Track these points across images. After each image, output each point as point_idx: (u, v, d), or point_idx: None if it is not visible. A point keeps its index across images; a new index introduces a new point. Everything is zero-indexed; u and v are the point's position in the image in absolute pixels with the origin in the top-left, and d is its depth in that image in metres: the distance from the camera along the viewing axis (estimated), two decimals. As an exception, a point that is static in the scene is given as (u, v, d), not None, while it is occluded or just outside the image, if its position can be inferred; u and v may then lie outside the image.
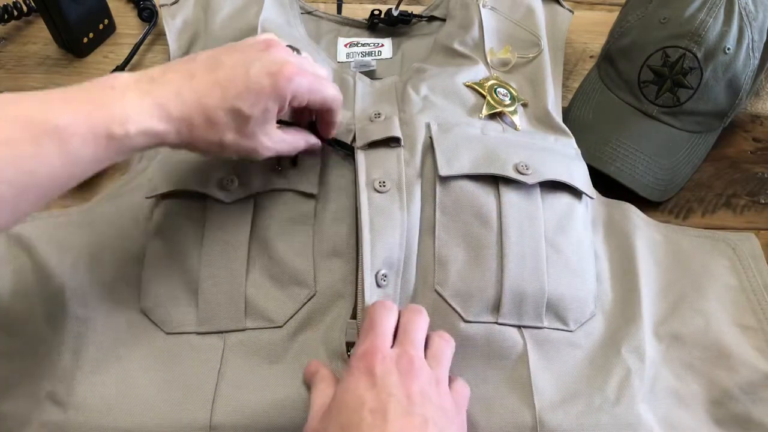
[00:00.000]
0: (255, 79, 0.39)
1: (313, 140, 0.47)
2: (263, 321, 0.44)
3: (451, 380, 0.40)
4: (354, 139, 0.49)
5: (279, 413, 0.41)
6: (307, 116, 0.47)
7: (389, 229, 0.44)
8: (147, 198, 0.49)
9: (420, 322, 0.40)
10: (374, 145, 0.48)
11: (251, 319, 0.44)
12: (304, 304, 0.44)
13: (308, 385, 0.41)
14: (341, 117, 0.47)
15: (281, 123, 0.44)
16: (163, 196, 0.48)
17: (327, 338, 0.43)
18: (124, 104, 0.36)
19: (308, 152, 0.47)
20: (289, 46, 0.44)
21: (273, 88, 0.39)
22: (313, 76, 0.42)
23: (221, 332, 0.44)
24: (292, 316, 0.44)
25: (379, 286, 0.43)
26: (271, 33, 0.43)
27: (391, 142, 0.48)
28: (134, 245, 0.48)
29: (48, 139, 0.33)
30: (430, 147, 0.48)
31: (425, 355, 0.39)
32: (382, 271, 0.43)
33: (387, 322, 0.39)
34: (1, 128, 0.33)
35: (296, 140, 0.45)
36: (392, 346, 0.38)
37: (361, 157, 0.47)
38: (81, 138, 0.34)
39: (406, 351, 0.37)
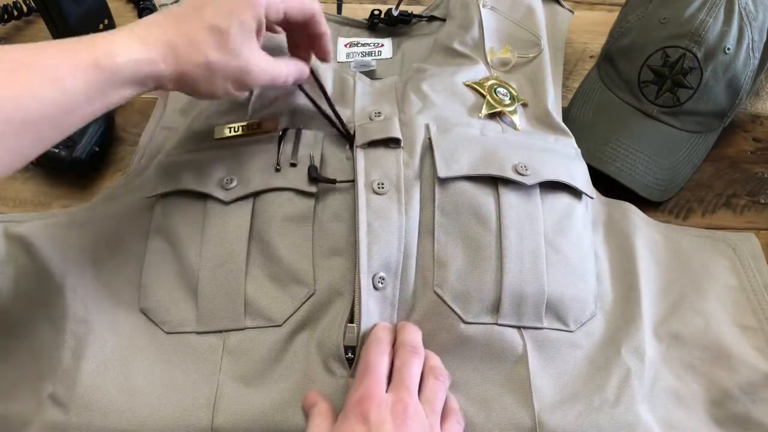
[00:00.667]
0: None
1: (301, 64, 0.47)
2: (263, 320, 0.44)
3: (444, 418, 0.40)
4: (354, 137, 0.49)
5: (278, 414, 0.41)
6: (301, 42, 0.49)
7: (387, 232, 0.44)
8: (147, 198, 0.49)
9: (415, 364, 0.40)
10: (373, 144, 0.48)
11: (251, 319, 0.44)
12: (304, 303, 0.44)
13: (306, 414, 0.41)
14: (327, 29, 0.48)
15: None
16: (163, 196, 0.48)
17: (325, 338, 0.43)
18: (110, 41, 0.38)
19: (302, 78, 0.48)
20: None
21: (245, 3, 0.40)
22: None
23: (221, 331, 0.44)
24: (291, 315, 0.44)
25: (376, 288, 0.43)
26: None
27: (391, 142, 0.48)
28: (134, 245, 0.48)
29: (39, 75, 0.35)
30: (429, 148, 0.48)
31: (419, 398, 0.39)
32: (380, 274, 0.43)
33: (382, 366, 0.39)
34: None
35: (288, 65, 0.46)
36: (387, 389, 0.38)
37: (360, 156, 0.47)
38: (70, 71, 0.36)
39: (401, 398, 0.37)
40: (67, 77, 0.36)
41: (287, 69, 0.46)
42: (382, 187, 0.46)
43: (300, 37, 0.48)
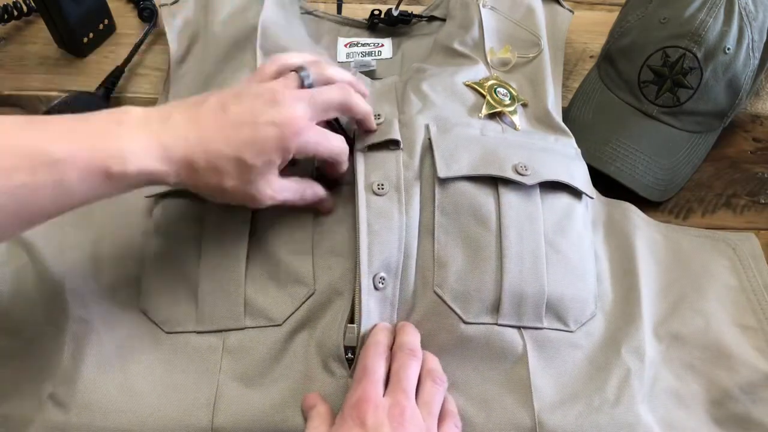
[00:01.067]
0: (262, 131, 0.39)
1: (320, 191, 0.45)
2: (262, 320, 0.44)
3: (441, 421, 0.40)
4: (354, 139, 0.49)
5: (278, 414, 0.41)
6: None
7: (387, 233, 0.44)
8: (146, 197, 0.49)
9: (412, 367, 0.40)
10: (373, 147, 0.48)
11: (250, 318, 0.44)
12: (303, 302, 0.44)
13: (304, 416, 0.41)
14: (347, 167, 0.46)
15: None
16: (163, 196, 0.48)
17: (325, 338, 0.43)
18: (127, 142, 0.36)
19: (318, 203, 0.46)
20: (297, 70, 0.43)
21: (279, 141, 0.39)
22: (322, 133, 0.42)
23: (221, 331, 0.44)
24: (291, 315, 0.44)
25: (376, 288, 0.43)
26: (277, 85, 0.42)
27: (391, 144, 0.48)
28: (134, 245, 0.48)
29: (44, 171, 0.34)
30: (429, 148, 0.48)
31: (417, 401, 0.39)
32: (380, 274, 0.43)
33: (379, 369, 0.39)
34: (0, 156, 0.33)
35: (301, 188, 0.44)
36: (385, 392, 0.39)
37: (360, 159, 0.47)
38: (78, 173, 0.34)
39: (398, 401, 0.38)
40: (73, 178, 0.34)
41: (302, 194, 0.44)
42: (382, 188, 0.46)
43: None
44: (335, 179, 0.47)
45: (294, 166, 0.48)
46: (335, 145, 0.43)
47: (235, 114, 0.39)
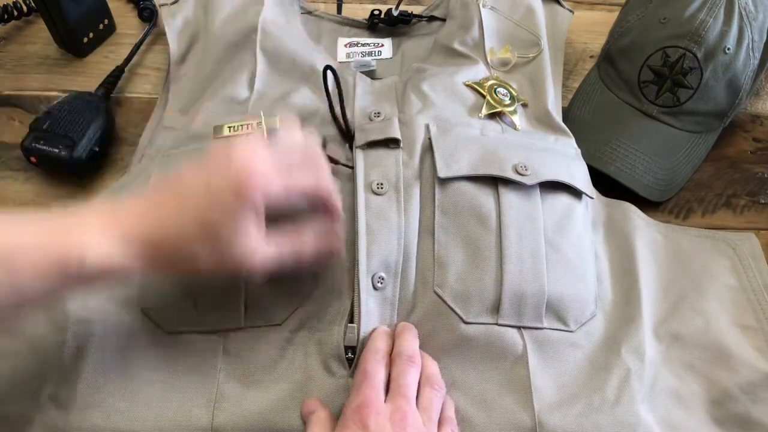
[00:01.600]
0: (215, 191, 0.36)
1: (322, 225, 0.41)
2: (262, 320, 0.44)
3: (440, 426, 0.40)
4: (353, 137, 0.49)
5: (278, 414, 0.41)
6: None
7: (386, 232, 0.44)
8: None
9: (412, 373, 0.40)
10: (373, 145, 0.48)
11: (250, 318, 0.44)
12: (303, 302, 0.44)
13: (304, 421, 0.41)
14: (340, 201, 0.42)
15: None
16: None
17: (325, 338, 0.43)
18: (85, 234, 0.34)
19: (328, 243, 0.42)
20: (264, 121, 0.41)
21: (237, 197, 0.36)
22: (282, 170, 0.37)
23: (221, 331, 0.44)
24: (291, 315, 0.44)
25: (375, 288, 0.43)
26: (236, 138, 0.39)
27: (390, 143, 0.48)
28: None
29: None
30: (429, 148, 0.48)
31: (417, 406, 0.39)
32: (379, 274, 0.43)
33: (379, 375, 0.39)
34: None
35: (299, 237, 0.40)
36: (386, 398, 0.39)
37: (359, 157, 0.47)
38: (30, 266, 0.32)
39: (400, 407, 0.38)
40: (25, 272, 0.32)
41: (301, 248, 0.40)
42: (381, 188, 0.46)
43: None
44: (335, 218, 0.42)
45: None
46: (307, 181, 0.39)
47: (191, 186, 0.37)
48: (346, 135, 0.49)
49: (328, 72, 0.49)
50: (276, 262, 0.38)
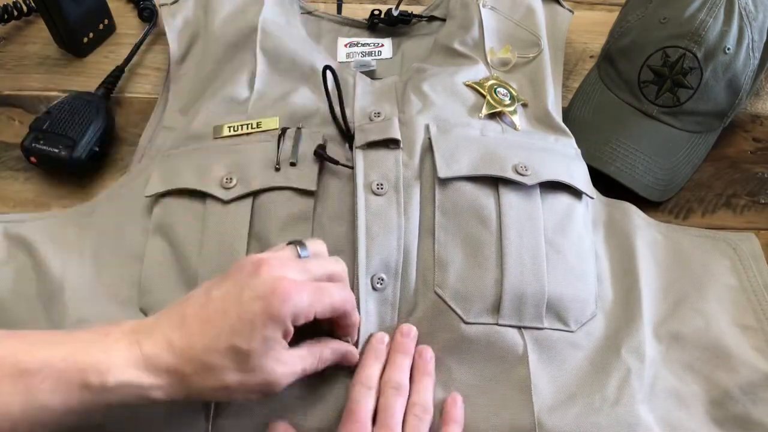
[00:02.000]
0: (246, 307, 0.35)
1: (340, 347, 0.41)
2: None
3: (445, 425, 0.40)
4: (353, 137, 0.49)
5: (278, 414, 0.41)
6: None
7: (385, 233, 0.44)
8: (146, 197, 0.49)
9: (398, 403, 0.40)
10: (373, 145, 0.48)
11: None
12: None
13: None
14: (358, 318, 0.42)
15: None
16: (162, 195, 0.48)
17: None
18: (108, 352, 0.33)
19: (343, 360, 0.41)
20: (293, 242, 0.40)
21: (267, 314, 0.35)
22: (313, 288, 0.37)
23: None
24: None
25: (375, 289, 0.43)
26: (264, 255, 0.39)
27: (390, 143, 0.48)
28: (134, 244, 0.48)
29: (10, 383, 0.31)
30: (429, 149, 0.48)
31: None
32: (378, 275, 0.43)
33: (366, 406, 0.39)
34: None
35: (317, 351, 0.39)
36: (373, 429, 0.39)
37: (359, 157, 0.47)
38: (51, 384, 0.32)
39: None
40: (45, 391, 0.31)
41: (321, 358, 0.40)
42: (381, 188, 0.46)
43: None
44: (350, 335, 0.42)
45: (295, 165, 0.48)
46: (336, 298, 0.38)
47: (217, 299, 0.36)
48: (346, 135, 0.49)
49: (328, 72, 0.49)
50: (298, 378, 0.38)
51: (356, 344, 0.42)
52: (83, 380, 0.32)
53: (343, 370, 0.42)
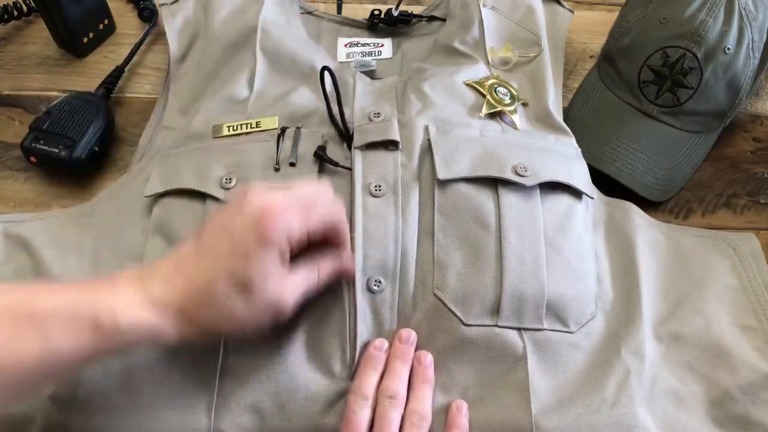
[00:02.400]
0: (238, 237, 0.36)
1: (337, 256, 0.42)
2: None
3: (449, 428, 0.41)
4: (352, 137, 0.49)
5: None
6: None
7: (383, 235, 0.44)
8: (146, 197, 0.49)
9: (394, 414, 0.40)
10: (372, 146, 0.48)
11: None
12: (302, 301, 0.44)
13: None
14: (348, 229, 0.42)
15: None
16: (162, 195, 0.48)
17: (324, 337, 0.43)
18: (117, 295, 0.35)
19: (339, 275, 0.42)
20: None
21: (260, 240, 0.35)
22: (301, 206, 0.38)
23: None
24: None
25: (372, 291, 0.43)
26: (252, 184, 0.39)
27: (389, 144, 0.48)
28: (134, 244, 0.48)
29: (27, 324, 0.32)
30: (428, 150, 0.48)
31: None
32: (375, 277, 0.43)
33: (363, 415, 0.40)
34: None
35: (313, 271, 0.40)
36: None
37: (358, 158, 0.47)
38: (64, 328, 0.33)
39: None
40: (58, 331, 0.32)
41: (321, 276, 0.41)
42: (379, 190, 0.46)
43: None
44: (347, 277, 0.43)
45: (294, 166, 0.48)
46: (325, 212, 0.39)
47: (209, 235, 0.37)
48: (345, 135, 0.49)
49: (326, 73, 0.49)
50: (302, 297, 0.39)
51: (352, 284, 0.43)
52: (95, 322, 0.33)
53: (342, 370, 0.42)
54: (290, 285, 0.38)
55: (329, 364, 0.42)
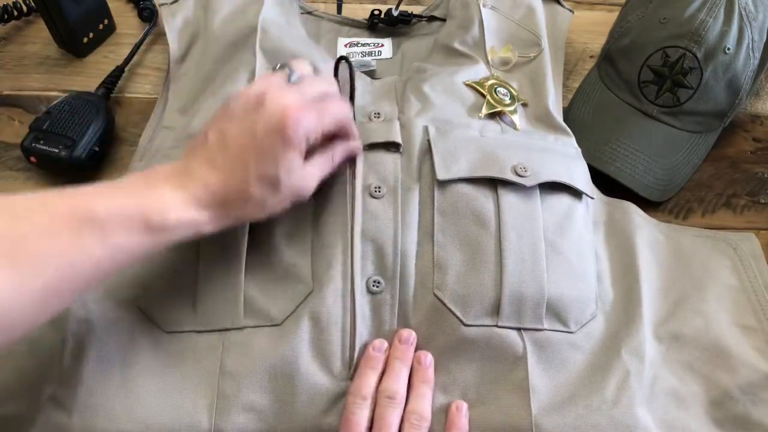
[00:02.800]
0: (264, 141, 0.39)
1: (346, 142, 0.46)
2: (262, 319, 0.44)
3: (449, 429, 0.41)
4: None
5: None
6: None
7: (382, 236, 0.44)
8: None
9: (393, 414, 0.41)
10: (373, 147, 0.48)
11: (250, 318, 0.44)
12: (302, 301, 0.44)
13: None
14: (353, 124, 0.46)
15: None
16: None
17: (324, 337, 0.43)
18: (160, 196, 0.37)
19: (350, 153, 0.47)
20: (281, 67, 0.45)
21: (283, 142, 0.39)
22: (317, 109, 0.41)
23: (220, 331, 0.44)
24: (291, 314, 0.44)
25: (371, 292, 0.43)
26: (260, 85, 0.42)
27: (390, 146, 0.48)
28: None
29: (88, 230, 0.34)
30: (428, 150, 0.48)
31: None
32: (374, 278, 0.43)
33: (362, 416, 0.40)
34: (43, 221, 0.34)
35: (328, 156, 0.44)
36: None
37: (358, 159, 0.47)
38: (120, 227, 0.35)
39: None
40: (117, 233, 0.35)
41: (333, 162, 0.45)
42: (379, 191, 0.46)
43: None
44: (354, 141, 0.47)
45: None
46: (336, 112, 0.43)
47: (234, 138, 0.40)
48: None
49: (343, 62, 0.49)
50: (320, 181, 0.43)
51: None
52: (147, 221, 0.36)
53: (343, 372, 0.42)
54: (309, 174, 0.42)
55: (329, 365, 0.42)
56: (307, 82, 0.44)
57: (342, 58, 0.50)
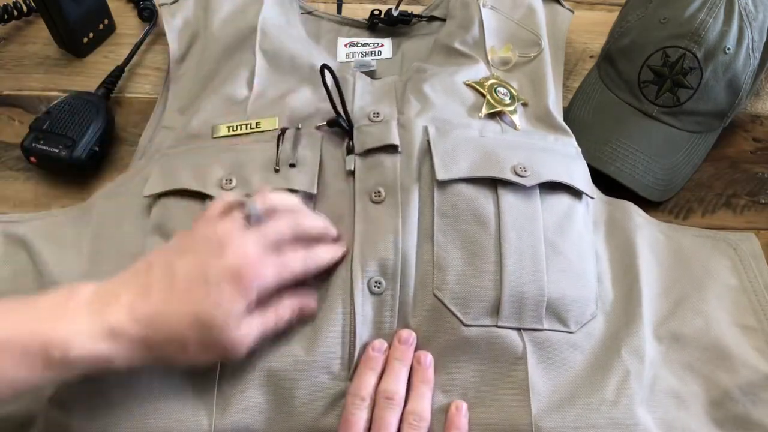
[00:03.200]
0: (215, 286, 0.37)
1: (293, 303, 0.42)
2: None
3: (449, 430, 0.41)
4: (352, 137, 0.49)
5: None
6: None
7: (383, 237, 0.44)
8: (145, 197, 0.49)
9: (392, 415, 0.40)
10: (371, 151, 0.48)
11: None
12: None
13: None
14: (331, 258, 0.43)
15: None
16: (161, 195, 0.48)
17: (325, 338, 0.43)
18: (71, 324, 0.35)
19: (300, 313, 0.42)
20: (242, 205, 0.41)
21: (235, 290, 0.37)
22: (277, 263, 0.39)
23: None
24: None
25: (372, 293, 0.43)
26: (223, 227, 0.39)
27: (389, 148, 0.48)
28: (133, 244, 0.48)
29: None
30: (427, 151, 0.48)
31: None
32: (375, 278, 0.43)
33: (361, 416, 0.40)
34: None
35: (272, 315, 0.40)
36: None
37: (358, 164, 0.47)
38: (12, 357, 0.33)
39: None
40: (7, 363, 0.33)
41: (283, 318, 0.41)
42: (379, 195, 0.46)
43: None
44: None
45: (294, 167, 0.48)
46: (297, 268, 0.41)
47: (183, 274, 0.37)
48: (348, 132, 0.49)
49: (326, 71, 0.49)
50: (258, 340, 0.40)
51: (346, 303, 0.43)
52: (46, 354, 0.34)
53: (343, 371, 0.42)
54: (248, 331, 0.38)
55: (329, 365, 0.42)
56: (271, 224, 0.41)
57: (325, 66, 0.49)
